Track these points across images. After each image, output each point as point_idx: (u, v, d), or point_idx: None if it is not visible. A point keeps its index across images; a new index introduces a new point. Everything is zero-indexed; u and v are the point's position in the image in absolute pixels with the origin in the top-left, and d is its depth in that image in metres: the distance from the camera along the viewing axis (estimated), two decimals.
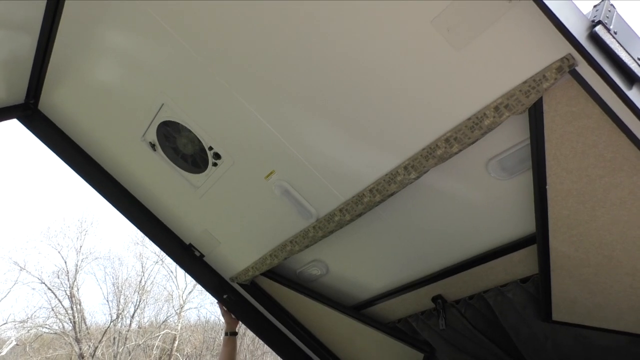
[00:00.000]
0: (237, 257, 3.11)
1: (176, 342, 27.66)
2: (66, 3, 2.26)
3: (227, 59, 2.12)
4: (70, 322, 25.73)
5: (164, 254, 3.99)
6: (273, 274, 3.11)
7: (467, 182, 2.17)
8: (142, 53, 2.36)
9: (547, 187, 1.92)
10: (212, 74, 2.20)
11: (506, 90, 1.70)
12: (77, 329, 25.51)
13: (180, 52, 2.20)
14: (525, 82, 1.65)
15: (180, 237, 3.27)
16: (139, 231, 3.39)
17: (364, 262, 2.85)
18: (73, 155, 3.09)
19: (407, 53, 1.77)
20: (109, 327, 26.76)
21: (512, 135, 1.94)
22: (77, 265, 27.29)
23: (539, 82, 1.62)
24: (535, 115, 1.75)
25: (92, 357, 25.06)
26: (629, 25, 1.64)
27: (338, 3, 1.76)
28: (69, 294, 26.21)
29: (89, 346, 25.53)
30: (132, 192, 3.18)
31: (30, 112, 2.92)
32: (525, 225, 2.23)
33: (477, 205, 2.25)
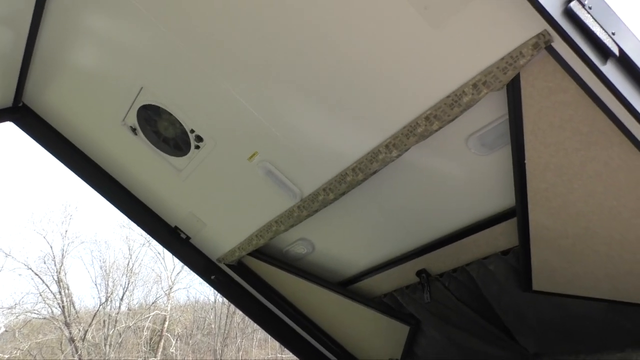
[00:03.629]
0: (223, 239, 3.13)
1: (166, 323, 27.83)
2: None
3: (206, 41, 2.09)
4: (59, 306, 25.68)
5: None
6: (260, 253, 3.13)
7: (448, 158, 2.20)
8: (121, 37, 2.33)
9: (525, 161, 1.96)
10: (191, 57, 2.18)
11: (484, 68, 1.71)
12: (67, 314, 25.48)
13: (159, 35, 2.17)
14: (502, 59, 1.66)
15: (166, 220, 3.27)
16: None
17: (349, 239, 2.89)
18: (56, 143, 3.08)
19: (386, 32, 1.77)
20: (98, 310, 26.79)
21: (490, 111, 1.96)
22: (63, 249, 27.11)
23: (516, 58, 1.64)
24: (513, 91, 1.77)
25: (83, 341, 25.13)
26: (603, 0, 1.66)
27: None
28: (56, 279, 26.09)
29: (79, 330, 25.57)
30: (115, 177, 3.17)
31: (19, 116, 2.91)
32: (505, 198, 2.27)
33: (458, 181, 2.28)
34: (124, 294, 28.32)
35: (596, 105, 1.64)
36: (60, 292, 25.91)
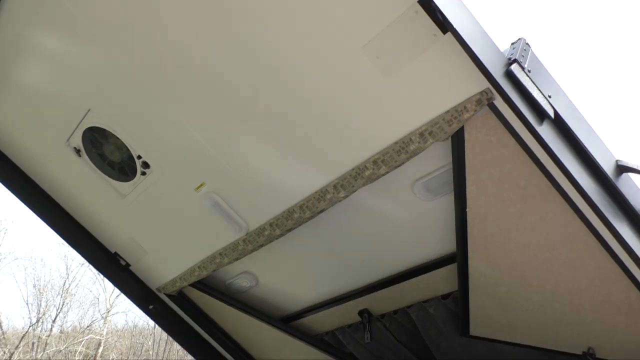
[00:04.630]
0: (164, 268, 3.03)
1: (101, 348, 26.38)
2: (3, 6, 2.14)
3: (158, 68, 2.07)
4: None
5: None
6: (202, 284, 3.05)
7: (394, 201, 2.24)
8: (72, 57, 2.26)
9: (467, 209, 2.02)
10: (144, 83, 2.14)
11: (430, 118, 1.77)
12: None
13: (110, 59, 2.13)
14: (448, 111, 1.73)
15: (105, 245, 3.14)
16: None
17: (293, 275, 2.86)
18: None
19: (339, 77, 1.81)
20: (27, 331, 25.12)
21: (436, 158, 2.02)
22: None
23: (461, 112, 1.71)
24: (458, 142, 1.84)
25: None
26: (542, 63, 1.76)
27: (273, 22, 1.77)
28: None
29: (4, 352, 23.83)
30: (54, 197, 3.02)
31: None
32: (447, 244, 2.33)
33: (403, 224, 2.32)
34: (57, 315, 26.75)
35: (532, 161, 1.73)
36: None
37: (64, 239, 3.19)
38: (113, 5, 1.96)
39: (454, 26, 1.49)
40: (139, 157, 2.48)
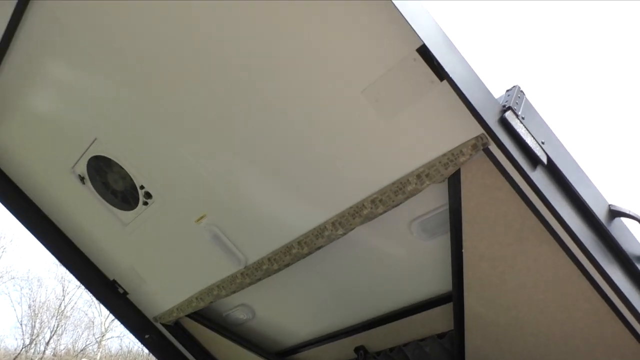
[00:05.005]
0: (162, 297, 3.03)
1: None
2: (17, 36, 2.23)
3: (165, 101, 2.13)
4: None
5: None
6: (198, 315, 3.05)
7: (391, 240, 2.27)
8: (81, 87, 2.34)
9: (463, 250, 2.04)
10: (151, 115, 2.21)
11: (427, 161, 1.82)
12: None
13: (119, 90, 2.20)
14: (444, 154, 1.78)
15: (104, 272, 3.16)
16: None
17: (290, 309, 2.87)
18: None
19: (339, 118, 1.86)
20: (20, 353, 24.75)
21: (433, 199, 2.06)
22: None
23: (457, 155, 1.76)
24: (454, 184, 1.88)
25: None
26: (535, 110, 1.82)
27: (274, 65, 1.84)
28: None
29: None
30: (55, 222, 3.06)
31: None
32: (443, 283, 2.34)
33: (400, 262, 2.34)
34: (51, 337, 26.44)
35: (526, 205, 1.76)
36: None
37: (62, 263, 3.22)
38: (123, 40, 2.05)
39: (450, 75, 1.55)
40: (142, 187, 2.53)
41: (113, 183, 2.66)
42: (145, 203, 2.58)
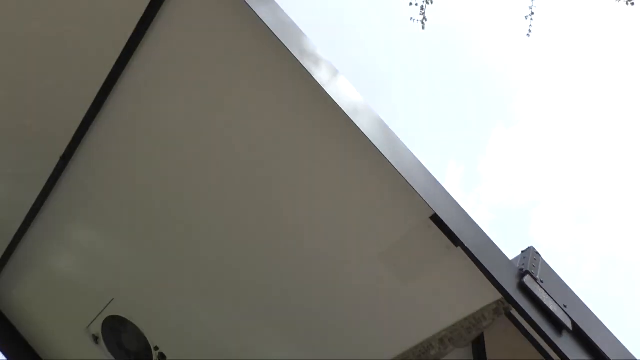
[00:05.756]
0: None
1: None
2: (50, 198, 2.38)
3: (182, 266, 2.19)
4: None
5: None
6: None
7: None
8: (102, 249, 2.43)
9: None
10: (166, 279, 2.26)
11: (449, 324, 1.79)
12: None
13: (137, 255, 2.28)
14: (466, 318, 1.75)
15: None
16: None
17: None
18: (8, 338, 2.93)
19: (358, 280, 1.89)
20: None
21: None
22: None
23: (479, 320, 1.73)
24: (479, 348, 1.83)
25: None
26: (553, 271, 1.83)
27: (292, 231, 1.93)
28: None
29: None
30: None
31: None
32: None
33: None
34: None
35: None
36: None
37: None
38: (144, 206, 2.18)
39: (464, 243, 1.60)
40: (156, 348, 2.48)
41: (127, 343, 2.61)
42: None
